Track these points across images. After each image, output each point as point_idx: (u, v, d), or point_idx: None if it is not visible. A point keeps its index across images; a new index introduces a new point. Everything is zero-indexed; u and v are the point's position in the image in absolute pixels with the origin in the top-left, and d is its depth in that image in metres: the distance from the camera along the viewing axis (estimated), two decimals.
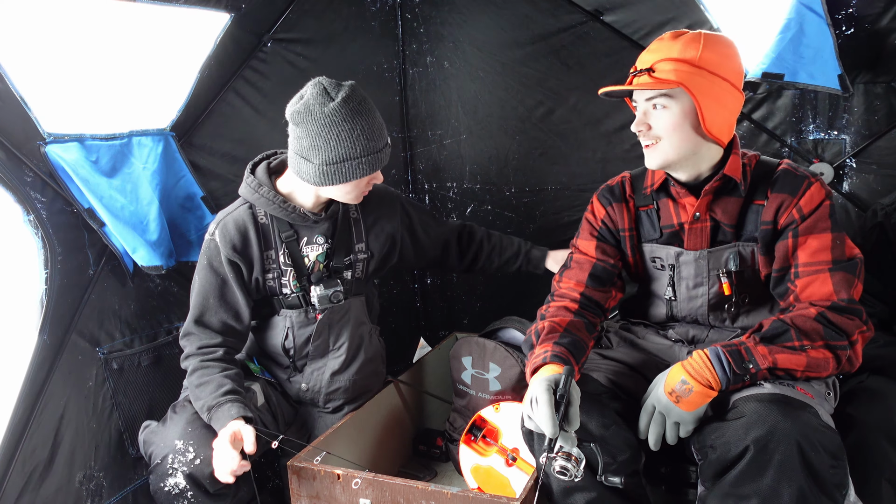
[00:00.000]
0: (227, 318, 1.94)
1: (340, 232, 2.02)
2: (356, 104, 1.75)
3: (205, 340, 1.92)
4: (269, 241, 1.96)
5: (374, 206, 2.09)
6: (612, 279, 1.80)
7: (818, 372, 1.45)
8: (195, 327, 1.94)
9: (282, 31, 2.41)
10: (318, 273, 2.01)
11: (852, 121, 2.24)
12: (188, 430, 1.80)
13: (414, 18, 2.83)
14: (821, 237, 1.55)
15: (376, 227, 2.10)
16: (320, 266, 2.01)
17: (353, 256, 2.06)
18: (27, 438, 1.79)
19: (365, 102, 1.78)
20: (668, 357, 1.76)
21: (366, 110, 1.77)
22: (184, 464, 1.76)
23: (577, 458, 1.36)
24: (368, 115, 1.77)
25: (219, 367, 1.88)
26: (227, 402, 1.78)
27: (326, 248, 2.01)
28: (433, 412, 2.53)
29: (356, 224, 2.07)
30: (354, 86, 1.79)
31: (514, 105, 2.75)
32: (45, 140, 1.81)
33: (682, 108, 1.54)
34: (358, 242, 2.07)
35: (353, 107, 1.75)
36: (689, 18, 2.26)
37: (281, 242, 1.96)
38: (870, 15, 2.07)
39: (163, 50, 2.14)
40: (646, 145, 1.62)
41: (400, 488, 1.64)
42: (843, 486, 1.36)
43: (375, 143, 1.79)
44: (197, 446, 1.77)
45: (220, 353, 1.91)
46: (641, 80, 1.56)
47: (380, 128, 1.80)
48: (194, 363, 1.89)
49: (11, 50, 1.74)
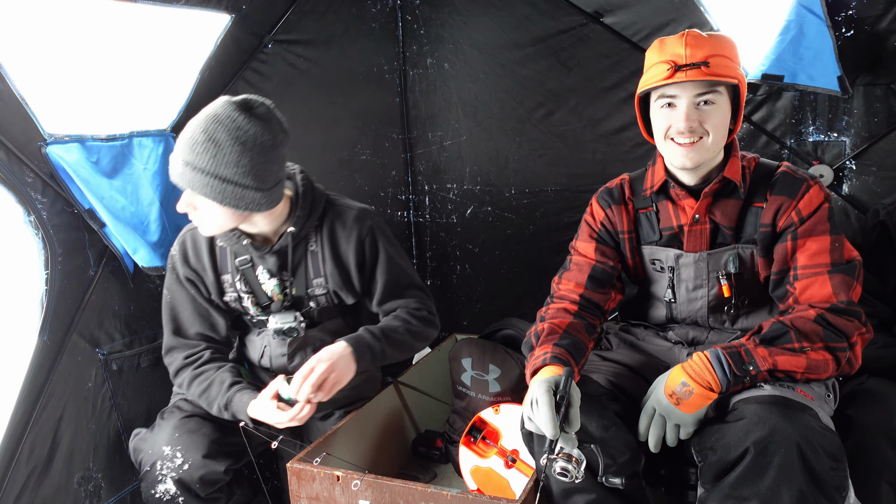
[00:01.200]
0: (202, 329, 1.94)
1: (296, 265, 1.92)
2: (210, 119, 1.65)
3: (189, 350, 1.93)
4: (225, 265, 1.92)
5: (335, 239, 1.94)
6: (612, 281, 1.80)
7: (818, 374, 1.45)
8: (175, 339, 1.94)
9: (282, 32, 2.41)
10: (277, 303, 1.94)
11: (852, 123, 2.24)
12: (175, 436, 1.80)
13: (414, 20, 2.84)
14: (820, 240, 1.55)
15: (335, 261, 1.94)
16: (278, 296, 1.93)
17: (312, 290, 1.96)
18: (27, 439, 1.80)
19: (216, 120, 1.63)
20: (668, 359, 1.76)
21: (202, 125, 1.64)
22: (172, 469, 1.76)
23: (578, 459, 1.36)
24: (200, 127, 1.64)
25: (212, 367, 1.89)
26: (237, 392, 1.80)
27: (280, 280, 1.92)
28: (433, 413, 2.53)
29: (314, 257, 1.94)
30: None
31: (514, 106, 2.75)
32: (46, 141, 1.81)
33: (725, 106, 1.56)
34: (316, 277, 1.95)
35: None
36: (689, 20, 2.26)
37: (236, 269, 1.91)
38: (869, 17, 2.07)
39: (163, 51, 2.14)
40: (691, 142, 1.56)
41: (399, 490, 1.64)
42: (843, 488, 1.36)
43: (178, 146, 1.66)
44: (185, 451, 1.77)
45: (208, 354, 1.92)
46: (689, 72, 1.51)
47: (189, 142, 1.63)
48: (188, 375, 1.89)
49: (12, 50, 1.74)
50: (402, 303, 2.02)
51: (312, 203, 1.89)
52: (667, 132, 1.59)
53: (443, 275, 3.11)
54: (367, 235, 1.93)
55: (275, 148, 1.67)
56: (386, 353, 1.90)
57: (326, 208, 1.94)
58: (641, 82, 1.63)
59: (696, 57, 1.52)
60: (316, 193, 1.91)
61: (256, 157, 1.63)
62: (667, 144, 1.60)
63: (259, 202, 1.68)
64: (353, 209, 1.95)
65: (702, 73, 1.51)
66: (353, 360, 1.81)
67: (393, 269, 1.99)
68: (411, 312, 2.01)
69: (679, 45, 1.55)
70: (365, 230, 1.93)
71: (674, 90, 1.55)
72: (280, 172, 1.73)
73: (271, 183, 1.69)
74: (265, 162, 1.65)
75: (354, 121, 2.77)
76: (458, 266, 3.06)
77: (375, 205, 2.92)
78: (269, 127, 1.65)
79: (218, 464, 1.80)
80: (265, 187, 1.67)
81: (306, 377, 1.72)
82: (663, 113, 1.59)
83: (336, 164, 2.73)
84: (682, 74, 1.52)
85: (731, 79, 1.52)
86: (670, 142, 1.59)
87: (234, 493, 1.93)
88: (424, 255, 3.12)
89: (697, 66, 1.51)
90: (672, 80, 1.52)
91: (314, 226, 1.92)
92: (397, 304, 2.02)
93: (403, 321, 1.98)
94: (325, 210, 1.94)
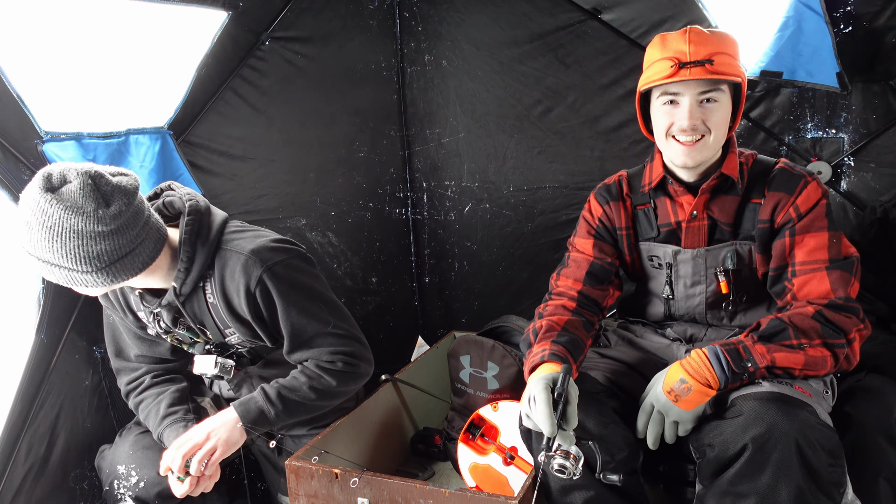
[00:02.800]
0: (142, 351, 1.90)
1: (199, 316, 1.77)
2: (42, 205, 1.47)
3: (130, 375, 1.90)
4: (139, 304, 1.78)
5: (226, 291, 1.73)
6: (610, 277, 1.80)
7: (816, 370, 1.45)
8: (118, 362, 1.91)
9: (280, 29, 2.40)
10: (199, 345, 1.83)
11: (850, 119, 2.24)
12: (130, 454, 1.79)
13: (412, 17, 2.83)
14: (818, 236, 1.55)
15: (232, 314, 1.76)
16: (197, 340, 1.83)
17: (229, 339, 1.82)
18: (24, 437, 1.80)
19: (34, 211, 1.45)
20: (666, 356, 1.76)
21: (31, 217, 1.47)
22: (128, 488, 1.75)
23: (576, 456, 1.36)
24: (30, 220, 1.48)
25: (151, 395, 1.86)
26: (166, 427, 1.78)
27: (187, 328, 1.81)
28: (431, 411, 2.53)
29: (214, 309, 1.76)
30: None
31: (513, 103, 2.74)
32: (43, 138, 1.81)
33: (727, 104, 1.56)
34: (225, 328, 1.79)
35: None
36: (687, 16, 2.26)
37: (149, 312, 1.78)
38: (867, 13, 2.07)
39: (160, 48, 2.13)
40: (693, 140, 1.55)
41: (398, 487, 1.64)
42: (841, 485, 1.37)
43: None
44: (139, 469, 1.76)
45: (148, 379, 1.88)
46: (693, 70, 1.50)
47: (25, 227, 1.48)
48: (132, 402, 1.89)
49: (9, 48, 1.74)
50: (312, 353, 1.79)
51: (193, 254, 1.68)
52: (668, 130, 1.58)
53: (441, 272, 3.10)
54: (258, 286, 1.68)
55: (93, 230, 1.45)
56: (283, 416, 1.75)
57: (217, 253, 1.72)
58: (643, 79, 1.62)
59: (700, 54, 1.51)
60: (200, 240, 1.69)
61: (69, 242, 1.44)
62: (668, 142, 1.59)
63: (97, 281, 1.50)
64: (241, 255, 1.68)
65: (705, 72, 1.50)
66: (239, 428, 1.70)
67: (294, 318, 1.73)
68: (321, 365, 1.78)
69: (682, 41, 1.53)
70: (253, 281, 1.68)
71: (677, 88, 1.55)
72: (123, 247, 1.50)
73: (106, 261, 1.48)
74: (83, 245, 1.45)
75: (352, 118, 2.77)
76: (456, 263, 3.06)
77: (373, 202, 2.91)
78: (79, 209, 1.43)
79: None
80: (97, 267, 1.48)
81: (182, 457, 1.63)
82: (665, 110, 1.58)
83: (334, 161, 2.72)
84: (685, 72, 1.51)
85: (734, 77, 1.52)
86: (672, 139, 1.58)
87: (207, 501, 1.90)
88: (423, 253, 3.12)
89: (701, 63, 1.50)
90: (676, 79, 1.52)
91: (206, 275, 1.72)
92: (306, 354, 1.79)
93: (309, 377, 1.78)
94: (216, 255, 1.72)
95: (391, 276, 3.03)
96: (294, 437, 1.94)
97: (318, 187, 2.65)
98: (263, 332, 1.78)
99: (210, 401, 1.97)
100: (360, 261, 2.88)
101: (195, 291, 1.73)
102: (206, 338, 1.83)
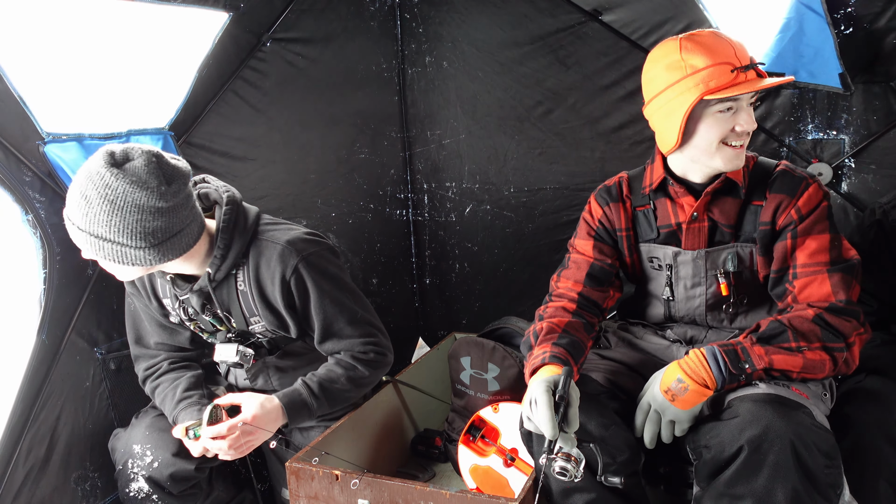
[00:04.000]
0: (162, 339, 1.94)
1: (227, 304, 1.82)
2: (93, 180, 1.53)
3: (149, 362, 1.94)
4: (165, 290, 1.85)
5: (260, 279, 1.79)
6: (610, 279, 1.80)
7: (814, 373, 1.45)
8: (137, 349, 1.95)
9: (281, 30, 2.41)
10: (221, 333, 1.88)
11: (851, 121, 2.24)
12: (146, 434, 1.82)
13: (413, 18, 2.83)
14: (819, 238, 1.55)
15: (264, 303, 1.81)
16: (220, 328, 1.87)
17: (252, 327, 1.86)
18: (25, 438, 1.80)
19: (93, 182, 1.51)
20: (666, 357, 1.76)
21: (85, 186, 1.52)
22: (142, 468, 1.78)
23: (577, 458, 1.36)
24: (81, 189, 1.54)
25: (168, 379, 1.89)
26: (181, 411, 1.81)
27: (213, 315, 1.85)
28: (432, 412, 2.53)
29: (244, 297, 1.81)
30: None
31: (513, 105, 2.75)
32: (44, 139, 1.81)
33: None
34: (251, 315, 1.84)
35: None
36: (688, 18, 2.26)
37: (175, 297, 1.83)
38: (868, 14, 2.07)
39: (161, 49, 2.13)
40: (742, 145, 1.56)
41: (398, 489, 1.64)
42: (838, 486, 1.36)
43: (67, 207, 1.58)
44: (154, 449, 1.79)
45: (166, 365, 1.92)
46: (748, 73, 1.50)
47: (74, 203, 1.54)
48: (149, 387, 1.92)
49: (10, 49, 1.74)
50: (344, 345, 1.86)
51: (230, 242, 1.74)
52: (725, 137, 1.54)
53: (441, 273, 3.11)
54: (293, 275, 1.75)
55: (154, 205, 1.52)
56: (324, 408, 1.83)
57: (252, 242, 1.78)
58: (703, 88, 1.48)
59: (747, 58, 1.51)
60: (238, 230, 1.75)
61: (129, 216, 1.50)
62: (720, 149, 1.55)
63: (146, 258, 1.56)
64: (277, 245, 1.75)
65: (758, 74, 1.52)
66: (282, 418, 1.76)
67: (327, 308, 1.80)
68: (356, 356, 1.87)
69: (725, 44, 1.50)
70: (289, 270, 1.74)
71: (737, 93, 1.48)
72: (175, 226, 1.57)
73: (160, 238, 1.55)
74: (142, 220, 1.51)
75: (353, 119, 2.77)
76: (456, 265, 3.06)
77: (374, 203, 2.91)
78: (143, 184, 1.50)
79: (188, 462, 1.79)
80: (150, 244, 1.54)
81: (224, 436, 1.68)
82: (723, 118, 1.53)
83: (335, 162, 2.73)
84: (743, 76, 1.49)
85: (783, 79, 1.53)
86: (723, 146, 1.55)
87: (214, 489, 1.94)
88: (423, 254, 3.12)
89: (753, 66, 1.51)
90: (746, 84, 1.48)
91: (240, 263, 1.79)
92: (339, 345, 1.86)
93: (346, 368, 1.86)
94: (251, 244, 1.78)
95: (392, 277, 3.03)
96: (303, 430, 1.98)
97: (318, 188, 2.66)
98: (292, 321, 1.83)
99: (224, 390, 2.00)
100: (360, 262, 2.88)
101: (226, 279, 1.79)
102: (230, 326, 1.87)
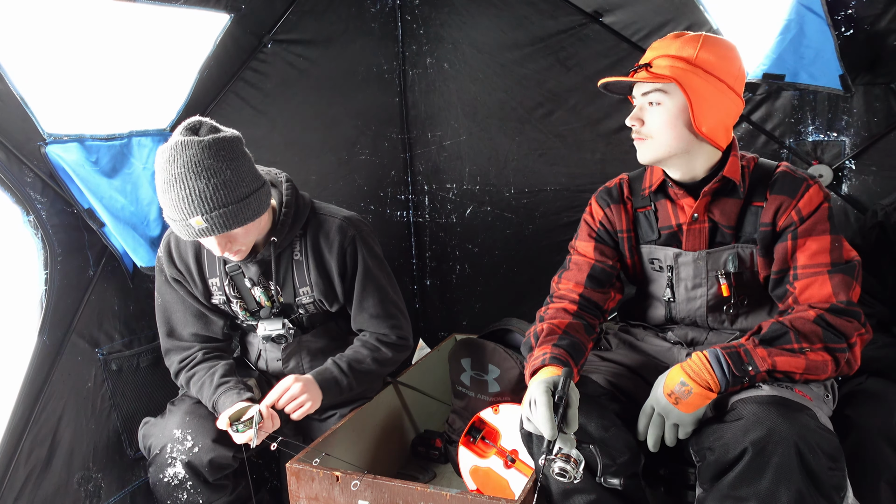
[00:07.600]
0: (196, 329, 1.97)
1: (282, 274, 1.94)
2: (172, 166, 1.60)
3: (183, 353, 1.96)
4: (213, 269, 1.93)
5: (319, 248, 1.94)
6: (611, 280, 1.80)
7: (817, 374, 1.45)
8: (169, 342, 1.97)
9: (282, 32, 2.41)
10: (265, 309, 1.97)
11: (851, 122, 2.24)
12: (186, 420, 1.83)
13: (414, 20, 2.84)
14: (820, 239, 1.55)
15: (318, 270, 1.95)
16: (266, 303, 1.96)
17: (300, 299, 1.97)
18: (26, 439, 1.80)
19: (186, 166, 1.58)
20: (667, 359, 1.76)
21: (179, 177, 1.58)
22: (182, 452, 1.78)
23: (577, 459, 1.36)
24: (179, 183, 1.59)
25: (204, 368, 1.92)
26: (221, 395, 1.84)
27: (264, 288, 1.94)
28: (432, 414, 2.53)
29: (298, 266, 1.95)
30: (190, 145, 1.60)
31: (514, 106, 2.75)
32: (46, 140, 1.81)
33: (676, 106, 1.55)
34: (302, 286, 1.96)
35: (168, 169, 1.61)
36: (688, 19, 2.26)
37: (225, 274, 1.92)
38: (869, 16, 2.07)
39: (163, 50, 2.14)
40: (638, 139, 1.63)
41: (398, 490, 1.64)
42: (842, 488, 1.36)
43: (175, 213, 1.62)
44: (195, 434, 1.80)
45: (200, 355, 1.95)
46: (639, 74, 1.57)
47: (185, 200, 1.59)
48: (184, 378, 1.94)
49: (12, 50, 1.74)
50: (373, 325, 2.02)
51: (296, 213, 1.89)
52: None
53: (442, 274, 3.11)
54: (349, 245, 1.93)
55: (237, 146, 1.68)
56: (353, 387, 1.95)
57: (310, 217, 1.94)
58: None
59: (645, 59, 1.60)
60: (300, 203, 1.91)
61: (242, 164, 1.66)
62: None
63: (254, 207, 1.69)
64: (336, 218, 1.94)
65: (641, 76, 1.56)
66: (320, 392, 1.88)
67: (368, 282, 1.98)
68: (381, 339, 2.02)
69: (651, 46, 1.63)
70: (347, 240, 1.93)
71: (635, 90, 1.62)
72: (260, 177, 1.75)
73: (261, 181, 1.74)
74: (250, 163, 1.70)
75: (354, 120, 2.77)
76: (457, 266, 3.06)
77: (375, 204, 2.92)
78: (236, 136, 1.68)
79: (227, 449, 1.82)
80: (256, 187, 1.70)
81: (283, 391, 1.82)
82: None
83: (335, 163, 2.73)
84: (633, 75, 1.59)
85: (663, 80, 1.53)
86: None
87: (240, 483, 1.95)
88: (424, 255, 3.12)
89: (641, 68, 1.57)
90: (613, 79, 1.61)
91: (298, 235, 1.92)
92: (367, 322, 2.02)
93: (372, 349, 2.00)
94: (309, 219, 1.94)
95: None
96: (320, 421, 2.02)
97: (319, 189, 2.66)
98: (340, 290, 1.97)
99: (255, 381, 2.02)
100: None
101: (284, 251, 1.92)
102: (277, 300, 1.95)
